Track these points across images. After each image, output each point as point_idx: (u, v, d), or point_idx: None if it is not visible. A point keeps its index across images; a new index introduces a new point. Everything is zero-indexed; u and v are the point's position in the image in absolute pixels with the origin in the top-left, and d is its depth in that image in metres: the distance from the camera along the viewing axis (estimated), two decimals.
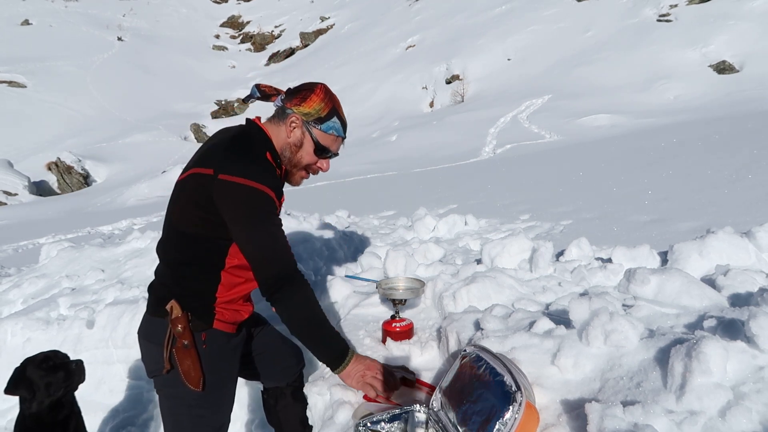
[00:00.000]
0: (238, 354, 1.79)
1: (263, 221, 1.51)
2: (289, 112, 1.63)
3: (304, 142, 1.64)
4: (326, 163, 1.71)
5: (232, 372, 1.78)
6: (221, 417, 1.74)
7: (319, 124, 1.62)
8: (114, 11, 62.61)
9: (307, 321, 1.57)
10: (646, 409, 0.94)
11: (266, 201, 1.50)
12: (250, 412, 2.79)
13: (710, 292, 1.56)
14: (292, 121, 1.62)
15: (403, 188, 11.21)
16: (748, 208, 4.32)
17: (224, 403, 1.75)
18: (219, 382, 1.68)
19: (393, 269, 2.62)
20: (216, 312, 1.65)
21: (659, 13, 27.69)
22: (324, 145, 1.65)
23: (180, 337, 1.58)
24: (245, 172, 1.48)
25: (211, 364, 1.64)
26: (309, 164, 1.69)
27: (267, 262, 1.52)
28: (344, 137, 1.72)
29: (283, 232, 1.56)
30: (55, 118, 37.42)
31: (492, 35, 33.17)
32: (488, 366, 1.17)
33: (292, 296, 1.53)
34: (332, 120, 1.64)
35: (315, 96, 1.62)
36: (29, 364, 2.06)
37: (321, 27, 54.65)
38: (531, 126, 18.60)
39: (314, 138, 1.63)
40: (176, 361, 1.58)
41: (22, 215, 16.60)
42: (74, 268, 4.14)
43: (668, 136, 10.78)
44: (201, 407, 1.66)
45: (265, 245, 1.51)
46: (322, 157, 1.69)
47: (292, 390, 2.01)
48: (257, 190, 1.48)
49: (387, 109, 30.47)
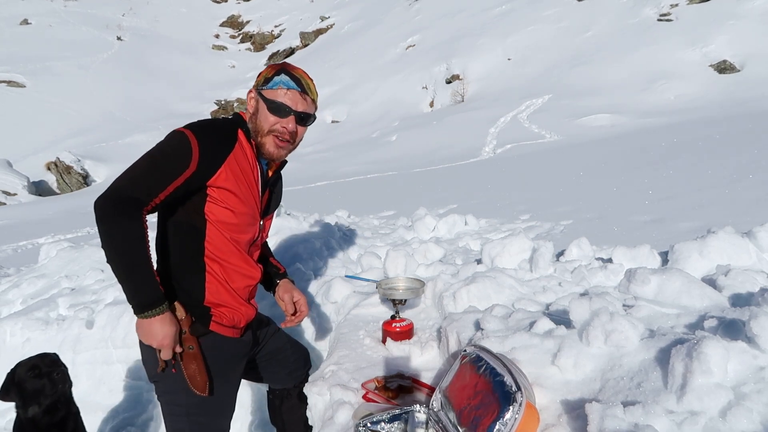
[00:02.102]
0: (240, 360, 1.76)
1: (155, 147, 1.49)
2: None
3: (258, 108, 1.62)
4: (290, 122, 1.60)
5: (233, 378, 1.75)
6: (221, 424, 1.72)
7: (265, 85, 1.61)
8: (114, 11, 62.58)
9: (115, 255, 1.43)
10: (647, 410, 0.94)
11: (174, 137, 1.48)
12: (250, 413, 2.79)
13: (711, 292, 1.55)
14: (250, 96, 1.65)
15: (403, 188, 11.20)
16: (749, 208, 4.32)
17: (224, 410, 1.72)
18: (218, 389, 1.65)
19: (393, 269, 2.62)
20: (213, 314, 1.62)
21: (660, 12, 27.67)
22: (274, 100, 1.58)
23: (185, 340, 1.55)
24: (190, 125, 1.53)
25: (210, 371, 1.61)
26: (271, 127, 1.61)
27: (122, 175, 1.44)
28: (300, 90, 1.60)
29: (167, 166, 1.45)
30: (55, 118, 37.38)
31: (492, 35, 33.15)
32: (488, 366, 1.17)
33: (104, 222, 1.41)
34: (278, 76, 1.60)
35: (265, 69, 1.66)
36: (19, 369, 2.05)
37: (321, 27, 54.62)
38: (531, 126, 18.59)
39: (264, 98, 1.60)
40: (180, 365, 1.55)
41: (22, 215, 16.58)
42: (74, 268, 4.14)
43: (668, 136, 10.78)
44: (201, 414, 1.64)
45: (134, 163, 1.46)
46: (280, 115, 1.59)
47: (297, 391, 2.02)
48: (181, 132, 1.49)
49: (387, 109, 30.44)
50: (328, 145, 25.16)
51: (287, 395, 2.03)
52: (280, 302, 1.92)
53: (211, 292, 1.61)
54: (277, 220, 3.99)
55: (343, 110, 32.09)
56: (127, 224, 1.40)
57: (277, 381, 2.03)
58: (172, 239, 1.59)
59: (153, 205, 1.46)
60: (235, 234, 1.61)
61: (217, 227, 1.57)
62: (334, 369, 1.78)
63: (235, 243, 1.62)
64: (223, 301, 1.63)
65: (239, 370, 1.78)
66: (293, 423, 2.04)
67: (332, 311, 2.63)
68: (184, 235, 1.57)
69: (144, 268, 1.43)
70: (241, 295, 1.69)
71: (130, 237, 1.41)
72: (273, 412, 2.10)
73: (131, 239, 1.41)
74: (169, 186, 1.45)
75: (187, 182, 1.47)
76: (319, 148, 24.22)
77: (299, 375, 2.01)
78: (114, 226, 1.41)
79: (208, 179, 1.51)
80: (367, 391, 1.61)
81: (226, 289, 1.64)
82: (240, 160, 1.57)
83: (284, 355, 1.98)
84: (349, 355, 1.88)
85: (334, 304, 2.62)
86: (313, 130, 10.89)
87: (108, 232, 1.41)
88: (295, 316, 1.92)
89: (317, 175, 15.55)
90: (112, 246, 1.42)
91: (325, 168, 17.23)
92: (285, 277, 1.97)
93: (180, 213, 1.56)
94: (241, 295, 1.69)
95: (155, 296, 1.45)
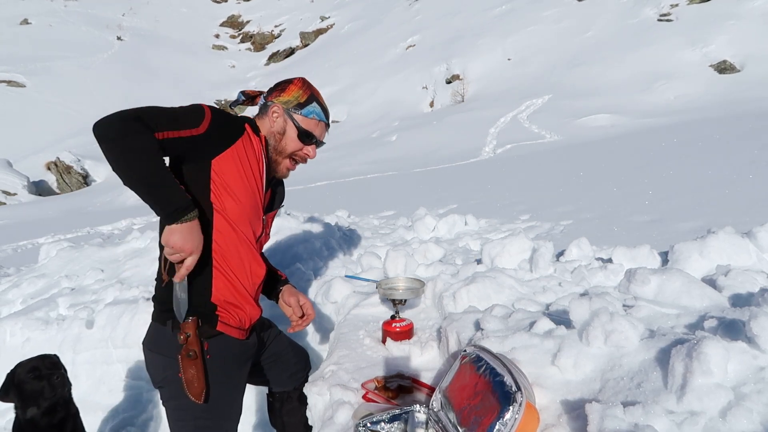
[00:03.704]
0: (246, 363, 1.75)
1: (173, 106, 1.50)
2: (270, 104, 1.67)
3: (287, 129, 1.66)
4: (312, 150, 1.72)
5: (240, 382, 1.73)
6: (228, 428, 1.71)
7: (299, 110, 1.65)
8: (114, 11, 62.59)
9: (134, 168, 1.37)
10: (647, 410, 0.94)
11: (192, 105, 1.50)
12: (250, 413, 2.79)
13: (711, 293, 1.55)
14: (273, 111, 1.66)
15: (403, 188, 11.20)
16: (749, 208, 4.32)
17: (231, 414, 1.71)
18: (225, 393, 1.64)
19: (393, 269, 2.62)
20: (219, 314, 1.60)
21: (660, 12, 27.67)
22: (307, 129, 1.67)
23: (186, 344, 1.52)
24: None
25: (216, 374, 1.59)
26: (294, 151, 1.69)
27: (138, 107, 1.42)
28: (327, 123, 1.73)
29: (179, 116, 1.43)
30: (55, 118, 37.39)
31: (492, 35, 33.15)
32: (488, 366, 1.17)
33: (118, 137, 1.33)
34: (312, 105, 1.67)
35: (293, 86, 1.67)
36: (18, 369, 2.05)
37: (321, 27, 54.63)
38: (531, 126, 18.59)
39: (296, 123, 1.66)
40: (182, 370, 1.53)
41: (22, 215, 16.59)
42: (74, 268, 4.14)
43: (668, 136, 10.78)
44: (206, 419, 1.62)
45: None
46: (307, 143, 1.69)
47: (298, 394, 2.01)
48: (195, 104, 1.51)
49: (387, 109, 30.45)
50: (328, 145, 24.92)
51: (287, 398, 2.03)
52: (286, 308, 1.92)
53: (218, 289, 1.58)
54: (278, 220, 3.99)
55: (343, 110, 32.08)
56: (138, 137, 1.34)
57: (278, 384, 2.03)
58: None
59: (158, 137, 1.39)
60: (241, 225, 1.59)
61: (224, 216, 1.55)
62: (334, 369, 1.78)
63: (243, 235, 1.61)
64: (230, 298, 1.61)
65: (245, 372, 1.76)
66: (293, 425, 2.04)
67: (332, 311, 2.63)
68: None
69: (168, 174, 1.40)
70: (249, 293, 1.67)
71: (144, 148, 1.34)
72: (273, 415, 2.10)
73: (146, 150, 1.35)
74: (174, 131, 1.41)
75: (192, 141, 1.44)
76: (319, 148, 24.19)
77: (300, 377, 2.01)
78: (124, 142, 1.33)
79: (212, 154, 1.49)
80: (367, 391, 1.60)
81: (234, 286, 1.61)
82: (247, 149, 1.58)
83: (286, 357, 1.97)
84: (349, 355, 1.88)
85: (334, 304, 2.62)
86: None
87: (120, 149, 1.33)
88: (302, 319, 1.92)
89: (317, 175, 15.53)
90: (127, 160, 1.34)
91: (325, 168, 17.21)
92: (287, 283, 1.98)
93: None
94: (249, 294, 1.67)
95: (187, 199, 1.43)
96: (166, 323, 1.58)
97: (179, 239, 1.42)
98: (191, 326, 1.53)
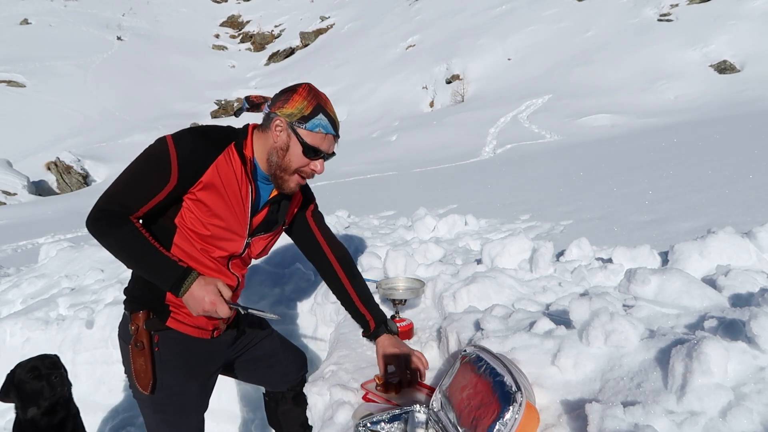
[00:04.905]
0: (210, 360, 1.73)
1: (137, 161, 1.48)
2: (273, 116, 1.54)
3: (290, 145, 1.54)
4: (320, 165, 1.60)
5: (199, 377, 1.71)
6: (188, 421, 1.71)
7: (303, 123, 1.52)
8: (113, 11, 62.56)
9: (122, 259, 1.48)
10: (647, 410, 0.94)
11: (156, 148, 1.46)
12: (250, 412, 2.79)
13: (711, 293, 1.55)
14: (276, 124, 1.54)
15: (403, 188, 11.19)
16: (749, 208, 4.31)
17: (188, 408, 1.70)
18: (178, 388, 1.64)
19: (393, 269, 2.62)
20: (172, 311, 1.60)
21: (660, 12, 27.66)
22: (312, 144, 1.54)
23: (135, 335, 1.57)
24: (176, 133, 1.50)
25: (166, 368, 1.60)
26: (300, 167, 1.58)
27: (106, 191, 1.47)
28: (335, 135, 1.59)
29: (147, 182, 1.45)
30: (55, 118, 37.37)
31: (492, 35, 33.14)
32: (488, 366, 1.17)
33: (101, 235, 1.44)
34: (317, 117, 1.53)
35: (297, 96, 1.53)
36: (18, 369, 2.05)
37: (321, 27, 54.60)
38: (531, 126, 18.58)
39: (300, 139, 1.53)
40: (131, 359, 1.58)
41: (22, 215, 16.58)
42: (73, 268, 4.14)
43: (668, 136, 10.78)
44: (165, 412, 1.65)
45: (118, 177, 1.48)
46: (313, 158, 1.57)
47: (293, 395, 2.01)
48: (164, 143, 1.46)
49: (387, 109, 30.44)
50: None
51: (282, 398, 2.03)
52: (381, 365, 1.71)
53: (171, 295, 1.58)
54: None
55: (343, 110, 32.06)
56: (118, 232, 1.44)
57: (270, 384, 2.03)
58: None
59: (137, 216, 1.48)
60: (207, 245, 1.57)
61: (187, 235, 1.54)
62: (334, 369, 1.78)
63: (206, 254, 1.58)
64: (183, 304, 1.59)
65: (207, 368, 1.74)
66: (289, 426, 2.04)
67: (332, 311, 2.63)
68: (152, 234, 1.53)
69: (154, 256, 1.46)
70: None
71: (127, 239, 1.44)
72: (269, 415, 2.11)
73: (129, 240, 1.44)
74: (150, 201, 1.46)
75: (170, 195, 1.47)
76: None
77: (293, 379, 2.00)
78: (109, 239, 1.45)
79: (190, 187, 1.49)
80: (367, 392, 1.60)
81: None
82: (222, 173, 1.51)
83: (276, 359, 1.96)
84: (349, 355, 1.88)
85: (334, 304, 2.62)
86: None
87: (108, 244, 1.46)
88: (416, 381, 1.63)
89: (317, 175, 15.48)
90: (118, 253, 1.47)
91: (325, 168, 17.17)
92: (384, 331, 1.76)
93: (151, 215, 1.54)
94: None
95: (179, 270, 1.46)
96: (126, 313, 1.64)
97: (194, 305, 1.48)
98: (140, 318, 1.57)
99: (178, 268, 1.46)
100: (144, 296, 1.59)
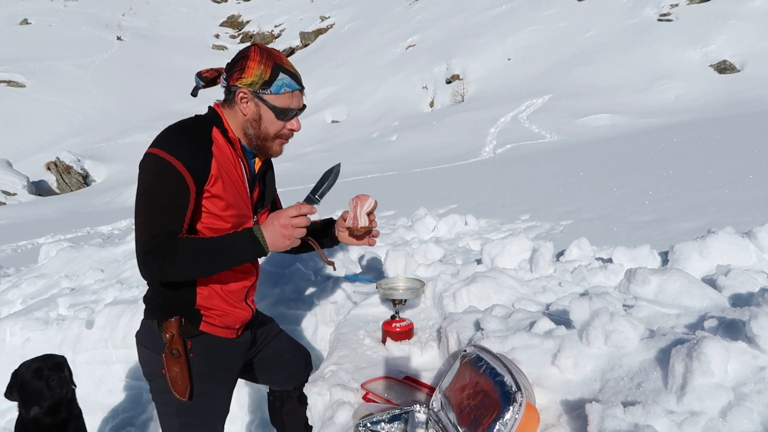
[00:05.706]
0: (235, 361, 1.75)
1: (148, 188, 1.43)
2: (235, 89, 1.51)
3: (261, 113, 1.52)
4: (296, 122, 1.58)
5: (227, 381, 1.73)
6: (213, 425, 1.71)
7: (267, 88, 1.49)
8: (113, 11, 62.60)
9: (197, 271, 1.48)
10: (647, 410, 0.94)
11: (158, 167, 1.41)
12: (250, 413, 2.79)
13: (711, 293, 1.55)
14: (241, 97, 1.51)
15: (403, 188, 11.19)
16: (749, 208, 4.31)
17: (216, 412, 1.71)
18: (210, 392, 1.64)
19: (393, 269, 2.62)
20: (204, 314, 1.60)
21: (660, 12, 27.68)
22: (282, 107, 1.52)
23: (169, 343, 1.54)
24: (161, 142, 1.43)
25: (201, 373, 1.60)
26: (279, 132, 1.57)
27: (138, 232, 1.43)
28: (301, 88, 1.56)
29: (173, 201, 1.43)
30: (55, 118, 37.39)
31: (492, 35, 33.15)
32: (488, 366, 1.17)
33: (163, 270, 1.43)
34: (279, 78, 1.49)
35: (251, 62, 1.49)
36: (22, 368, 2.06)
37: (321, 27, 54.63)
38: (531, 126, 18.59)
39: (269, 104, 1.51)
40: (166, 367, 1.56)
41: (21, 215, 16.59)
42: (73, 268, 4.14)
43: (668, 136, 10.78)
44: (191, 416, 1.63)
45: (139, 212, 1.43)
46: (287, 119, 1.56)
47: (298, 394, 2.01)
48: (160, 158, 1.40)
49: (387, 109, 30.44)
50: (328, 145, 25.13)
51: (287, 397, 2.03)
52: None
53: (202, 297, 1.59)
54: None
55: (343, 110, 32.08)
56: (176, 257, 1.40)
57: (278, 383, 2.03)
58: None
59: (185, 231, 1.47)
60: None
61: (206, 233, 1.54)
62: (334, 369, 1.78)
63: None
64: (215, 305, 1.61)
65: (235, 371, 1.76)
66: (293, 425, 2.04)
67: (332, 311, 2.63)
68: None
69: (217, 248, 1.44)
70: (236, 297, 1.67)
71: (189, 255, 1.42)
72: (273, 414, 2.10)
73: (191, 255, 1.42)
74: (185, 216, 1.45)
75: (196, 200, 1.47)
76: (319, 148, 24.21)
77: (300, 377, 2.01)
78: (174, 268, 1.42)
79: (204, 185, 1.48)
80: (367, 392, 1.60)
81: (218, 293, 1.61)
82: (221, 161, 1.51)
83: (286, 357, 1.97)
84: (349, 355, 1.88)
85: (334, 304, 2.63)
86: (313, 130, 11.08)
87: (177, 273, 1.44)
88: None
89: (317, 175, 15.49)
90: (191, 272, 1.47)
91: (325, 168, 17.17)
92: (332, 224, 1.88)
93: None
94: (236, 298, 1.67)
95: (247, 236, 1.46)
96: (153, 321, 1.60)
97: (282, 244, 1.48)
98: (174, 326, 1.55)
99: (241, 238, 1.46)
100: (171, 304, 1.57)
